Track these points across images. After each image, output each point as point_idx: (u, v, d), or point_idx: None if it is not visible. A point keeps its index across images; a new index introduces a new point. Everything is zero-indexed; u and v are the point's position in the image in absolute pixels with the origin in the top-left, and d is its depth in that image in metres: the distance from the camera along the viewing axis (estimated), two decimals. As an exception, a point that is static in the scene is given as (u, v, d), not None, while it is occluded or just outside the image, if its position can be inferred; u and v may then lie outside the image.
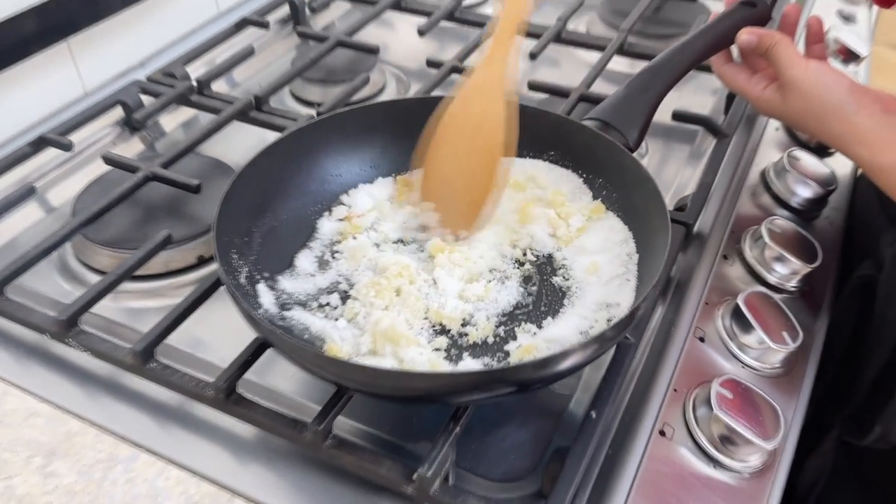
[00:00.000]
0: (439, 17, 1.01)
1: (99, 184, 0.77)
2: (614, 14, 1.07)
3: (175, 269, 0.71)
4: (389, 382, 0.48)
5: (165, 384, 0.57)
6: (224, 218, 0.57)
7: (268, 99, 0.85)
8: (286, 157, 0.64)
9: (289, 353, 0.50)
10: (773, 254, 0.69)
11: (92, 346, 0.58)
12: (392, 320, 0.54)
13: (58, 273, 0.71)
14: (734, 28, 0.71)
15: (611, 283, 0.59)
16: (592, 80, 0.87)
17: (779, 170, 0.78)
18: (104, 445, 0.55)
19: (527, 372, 0.48)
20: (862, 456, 0.81)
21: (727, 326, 0.63)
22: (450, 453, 0.50)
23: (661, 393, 0.58)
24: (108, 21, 0.94)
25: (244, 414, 0.54)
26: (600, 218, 0.65)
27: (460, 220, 0.63)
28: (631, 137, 0.66)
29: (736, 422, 0.54)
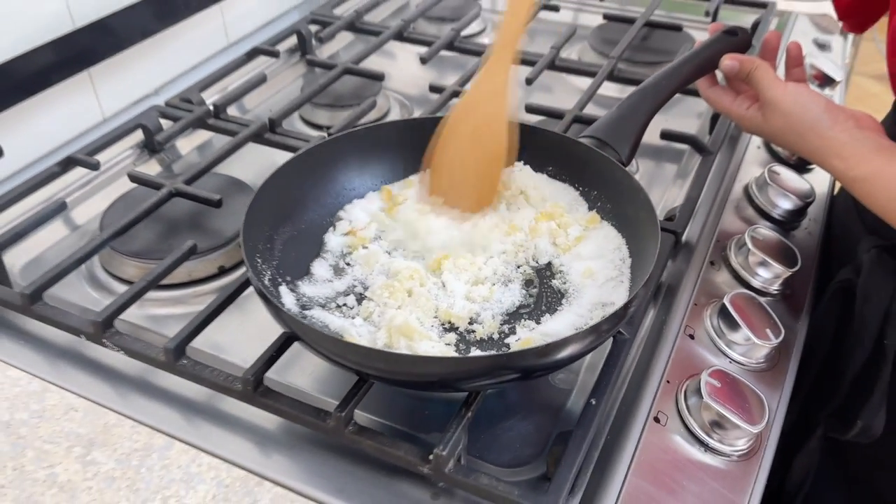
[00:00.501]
0: (440, 46, 1.07)
1: (124, 200, 0.82)
2: (604, 43, 1.13)
3: (197, 278, 0.75)
4: (408, 368, 0.52)
5: (196, 379, 0.61)
6: (250, 225, 0.62)
7: (281, 122, 0.91)
8: (305, 171, 0.69)
9: (315, 344, 0.54)
10: (757, 259, 0.74)
11: (126, 346, 0.63)
12: (406, 317, 0.59)
13: (86, 283, 0.76)
14: (717, 55, 0.77)
15: (605, 285, 0.64)
16: (585, 104, 0.93)
17: (760, 184, 0.84)
18: (140, 436, 0.59)
19: (530, 358, 0.53)
20: (847, 453, 0.85)
21: (715, 325, 0.68)
22: (462, 436, 0.54)
23: (655, 384, 0.63)
24: (126, 52, 1.00)
25: (271, 405, 0.58)
26: (596, 227, 0.70)
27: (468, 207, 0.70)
28: (623, 153, 0.72)
29: (724, 408, 0.59)
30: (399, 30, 1.12)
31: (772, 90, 0.70)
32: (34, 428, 0.60)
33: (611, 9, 1.23)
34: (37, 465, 0.57)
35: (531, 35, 1.23)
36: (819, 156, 0.68)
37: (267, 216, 0.65)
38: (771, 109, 0.70)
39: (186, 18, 1.07)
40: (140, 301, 0.70)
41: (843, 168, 0.66)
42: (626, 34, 1.08)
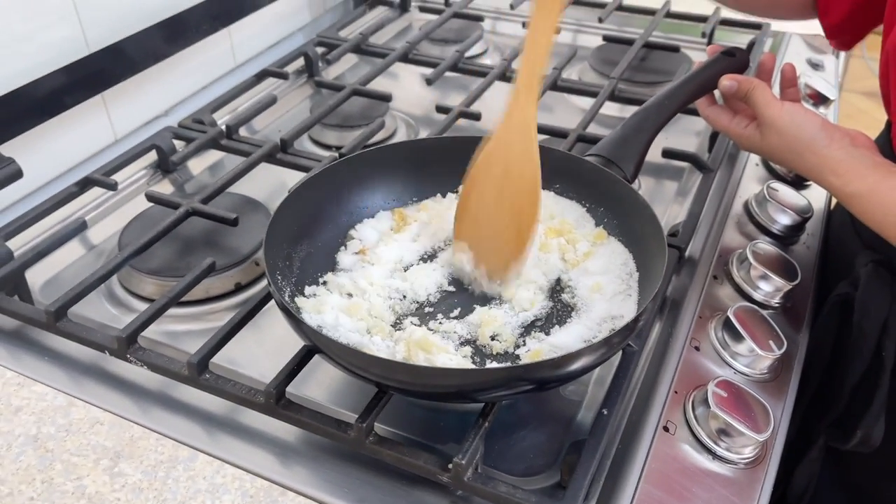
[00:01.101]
0: (445, 67, 1.10)
1: (141, 219, 0.84)
2: (604, 63, 1.16)
3: (214, 295, 0.77)
4: (428, 379, 0.54)
5: (220, 393, 0.63)
6: (270, 243, 0.64)
7: (292, 142, 0.93)
8: (320, 191, 0.72)
9: (339, 357, 0.56)
10: (758, 273, 0.76)
11: (150, 361, 0.65)
12: (424, 332, 0.61)
13: (105, 300, 0.78)
14: (716, 76, 0.80)
15: (614, 299, 0.66)
16: (588, 123, 0.96)
17: (760, 200, 0.86)
18: (165, 448, 0.61)
19: (545, 370, 0.55)
20: (847, 463, 0.87)
21: (720, 337, 0.70)
22: (480, 445, 0.56)
23: (664, 395, 0.65)
24: (138, 75, 1.02)
25: (293, 417, 0.60)
26: (603, 243, 0.72)
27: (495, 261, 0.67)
28: (628, 171, 0.74)
29: (731, 417, 0.61)
30: (404, 52, 1.14)
31: (769, 109, 0.72)
32: (61, 441, 0.61)
33: (610, 30, 1.26)
34: (65, 478, 0.58)
35: (532, 56, 1.25)
36: (815, 173, 0.71)
37: (286, 235, 0.67)
38: (768, 128, 0.73)
39: (195, 42, 1.10)
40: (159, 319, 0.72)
41: (839, 184, 0.69)
42: (626, 55, 1.11)
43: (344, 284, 0.67)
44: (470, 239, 0.69)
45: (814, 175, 0.71)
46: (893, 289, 0.75)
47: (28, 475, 0.59)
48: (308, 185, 0.70)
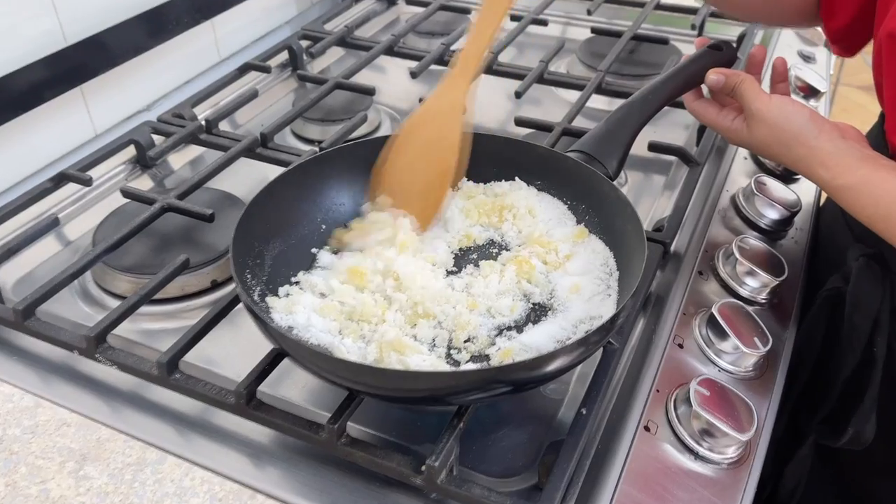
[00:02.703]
0: (430, 60, 1.08)
1: (117, 215, 0.83)
2: (592, 56, 1.15)
3: (190, 292, 0.76)
4: (397, 383, 0.53)
5: (190, 393, 0.61)
6: (239, 241, 0.62)
7: (272, 137, 0.91)
8: (295, 187, 0.70)
9: (304, 360, 0.55)
10: (744, 269, 0.75)
11: (119, 361, 0.63)
12: (397, 332, 0.59)
13: (79, 298, 0.76)
14: (703, 69, 0.78)
15: (592, 299, 0.65)
16: (574, 117, 0.94)
17: (747, 194, 0.85)
18: (133, 450, 0.59)
19: (520, 372, 0.53)
20: (838, 461, 0.86)
21: (703, 334, 0.69)
22: (454, 447, 0.55)
23: (645, 393, 0.63)
24: (118, 68, 1.00)
25: (264, 418, 0.59)
26: (584, 241, 0.70)
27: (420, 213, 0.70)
28: (611, 167, 0.73)
29: (713, 416, 0.59)
30: (389, 45, 1.13)
31: (756, 102, 0.71)
32: (27, 444, 0.60)
33: (599, 22, 1.24)
34: (29, 481, 0.57)
35: (520, 49, 1.24)
36: (804, 165, 0.69)
37: (256, 232, 0.66)
38: (756, 121, 0.71)
39: (178, 35, 1.08)
40: (132, 316, 0.70)
41: (828, 177, 0.67)
42: (614, 47, 1.10)
43: (316, 284, 0.65)
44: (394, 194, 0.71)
45: (802, 168, 0.70)
46: (885, 283, 0.74)
47: (-8, 478, 0.57)
48: (281, 182, 0.68)
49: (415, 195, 0.71)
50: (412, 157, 0.71)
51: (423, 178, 0.71)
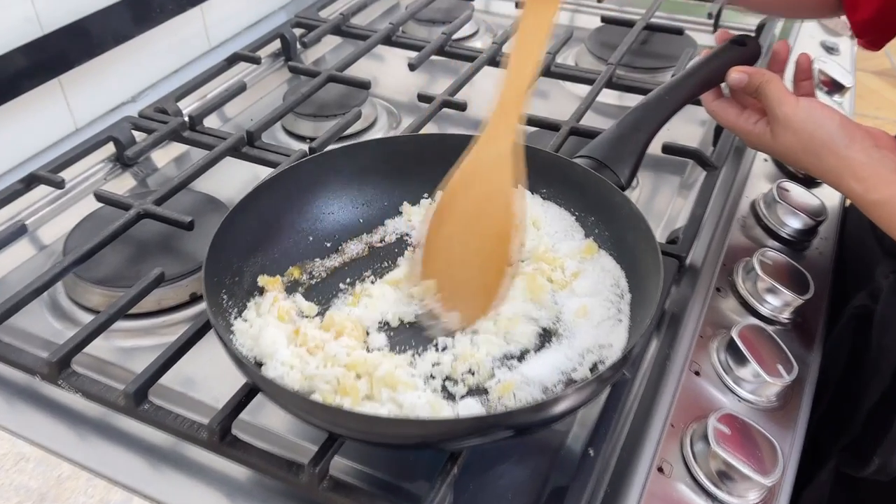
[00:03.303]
0: (430, 51, 1.02)
1: (91, 221, 0.77)
2: (602, 47, 1.08)
3: (168, 307, 0.70)
4: (384, 429, 0.47)
5: (159, 426, 0.56)
6: (213, 260, 0.57)
7: (260, 134, 0.85)
8: (277, 196, 0.64)
9: (279, 401, 0.49)
10: (766, 286, 0.69)
11: (84, 388, 0.58)
12: (389, 367, 0.54)
13: (49, 312, 0.71)
14: (724, 67, 0.72)
15: (602, 325, 0.59)
16: (582, 114, 0.88)
17: (769, 201, 0.79)
18: (96, 490, 0.54)
19: (524, 416, 0.48)
20: (860, 488, 0.80)
21: (722, 360, 0.63)
22: (448, 493, 0.50)
23: (659, 429, 0.58)
24: (100, 58, 0.94)
25: (239, 456, 0.53)
26: (592, 258, 0.65)
27: (466, 304, 0.59)
28: (623, 175, 0.67)
29: (734, 457, 0.54)
30: (387, 34, 1.06)
31: (783, 106, 0.65)
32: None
33: (609, 10, 1.18)
34: (-18, 525, 0.52)
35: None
36: (833, 176, 0.63)
37: (235, 248, 0.60)
38: (782, 126, 0.65)
39: (164, 22, 1.02)
40: (105, 332, 0.65)
41: (860, 191, 0.61)
42: (626, 38, 1.03)
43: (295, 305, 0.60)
44: (439, 279, 0.60)
45: (831, 179, 0.64)
46: None
47: (-60, 522, 0.52)
48: (261, 191, 0.62)
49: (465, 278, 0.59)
50: (456, 231, 0.59)
51: (473, 255, 0.59)
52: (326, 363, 0.54)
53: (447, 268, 0.59)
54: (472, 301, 0.59)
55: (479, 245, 0.59)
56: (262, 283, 0.61)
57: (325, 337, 0.56)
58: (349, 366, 0.54)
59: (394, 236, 0.68)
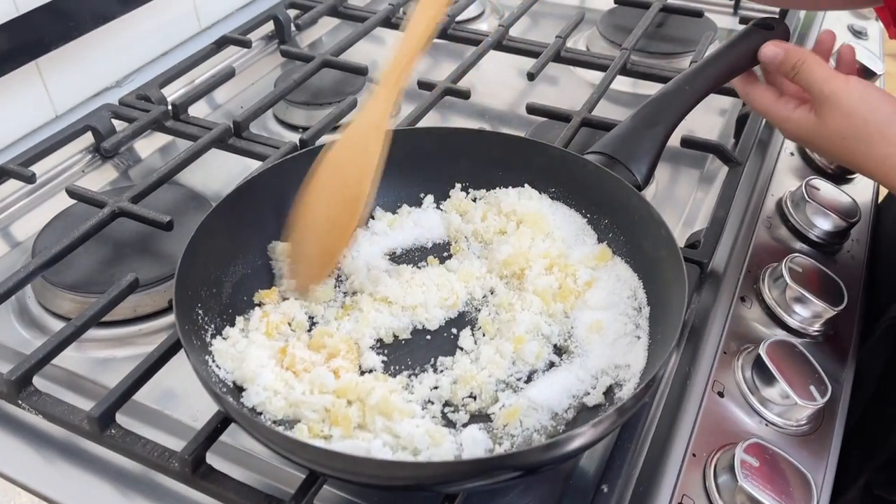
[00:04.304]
0: (432, 34, 0.95)
1: (63, 219, 0.72)
2: (615, 30, 1.02)
3: (144, 314, 0.65)
4: (375, 472, 0.42)
5: (126, 454, 0.51)
6: (187, 270, 0.51)
7: (248, 125, 0.80)
8: (259, 197, 0.59)
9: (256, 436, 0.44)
10: (795, 295, 0.63)
11: (45, 410, 0.53)
12: (383, 392, 0.48)
13: (16, 319, 0.66)
14: (750, 53, 0.66)
15: (617, 342, 0.53)
16: (595, 103, 0.82)
17: (796, 200, 0.73)
18: (57, 525, 0.49)
19: (533, 456, 0.42)
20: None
21: (748, 379, 0.58)
22: (443, 540, 0.44)
23: (679, 458, 0.52)
24: (81, 39, 0.89)
25: (213, 490, 0.48)
26: (607, 266, 0.59)
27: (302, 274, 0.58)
28: (639, 174, 0.61)
29: (763, 493, 0.48)
30: (387, 15, 1.00)
31: (830, 83, 0.58)
32: (-70, 514, 0.50)
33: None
34: (-72, 566, 0.47)
35: (535, 20, 1.11)
36: (887, 167, 0.56)
37: (213, 254, 0.54)
38: (830, 107, 0.58)
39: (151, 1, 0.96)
40: (78, 342, 0.60)
41: None
42: (641, 21, 0.97)
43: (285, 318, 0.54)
44: (292, 243, 0.58)
45: (884, 170, 0.56)
46: None
47: None
48: (240, 193, 0.57)
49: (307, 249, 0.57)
50: (314, 199, 0.57)
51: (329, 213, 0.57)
52: (314, 389, 0.48)
53: (298, 234, 0.57)
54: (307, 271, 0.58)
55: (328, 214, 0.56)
56: (259, 299, 0.56)
57: (315, 359, 0.50)
58: (339, 391, 0.48)
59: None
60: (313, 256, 0.57)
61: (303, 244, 0.57)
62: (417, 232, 0.62)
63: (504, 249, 0.59)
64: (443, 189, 0.64)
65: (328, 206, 0.56)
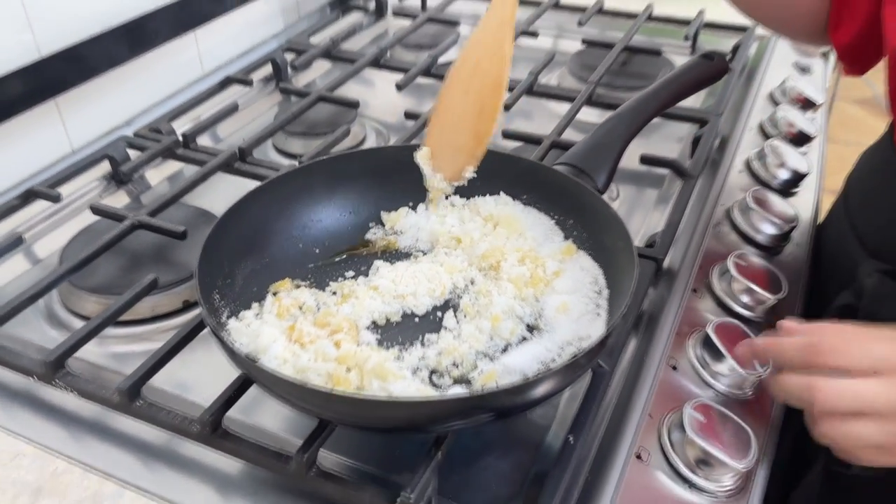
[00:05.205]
0: (416, 73, 1.05)
1: (86, 233, 0.79)
2: (583, 68, 1.12)
3: (161, 313, 0.72)
4: (374, 411, 0.49)
5: (152, 421, 0.58)
6: (206, 262, 0.59)
7: (251, 151, 0.88)
8: (267, 204, 0.67)
9: (270, 387, 0.51)
10: (741, 286, 0.71)
11: (79, 387, 0.60)
12: (379, 358, 0.56)
13: (44, 320, 0.73)
14: (694, 79, 0.75)
15: (581, 319, 0.61)
16: (563, 129, 0.91)
17: (743, 208, 0.82)
18: (90, 483, 0.56)
19: (503, 398, 0.50)
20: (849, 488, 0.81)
21: (698, 355, 0.65)
22: (432, 479, 0.51)
23: (637, 419, 0.60)
24: (96, 80, 0.97)
25: (230, 448, 0.55)
26: (572, 258, 0.67)
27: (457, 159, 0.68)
28: (600, 180, 0.70)
29: (709, 444, 0.56)
30: (375, 57, 1.10)
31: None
32: (-22, 476, 0.56)
33: (590, 34, 1.22)
34: (-22, 517, 0.53)
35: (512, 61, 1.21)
36: None
37: (226, 251, 0.62)
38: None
39: (158, 47, 1.05)
40: (100, 338, 0.67)
41: None
42: (605, 59, 1.07)
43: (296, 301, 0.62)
44: (434, 144, 0.69)
45: None
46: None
47: (-63, 515, 0.54)
48: (252, 198, 0.65)
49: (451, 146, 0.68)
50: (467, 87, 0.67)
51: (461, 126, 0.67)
52: (318, 357, 0.56)
53: (440, 135, 0.69)
54: (459, 159, 0.68)
55: (473, 105, 0.66)
56: (274, 289, 0.64)
57: (320, 333, 0.58)
58: (340, 359, 0.56)
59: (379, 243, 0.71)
60: (466, 144, 0.67)
61: (452, 138, 0.68)
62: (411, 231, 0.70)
63: (482, 245, 0.67)
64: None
65: (475, 97, 0.66)
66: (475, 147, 0.67)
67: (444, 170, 0.69)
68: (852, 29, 0.74)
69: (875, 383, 0.52)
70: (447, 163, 0.68)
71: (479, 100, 0.66)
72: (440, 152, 0.69)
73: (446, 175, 0.69)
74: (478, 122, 0.66)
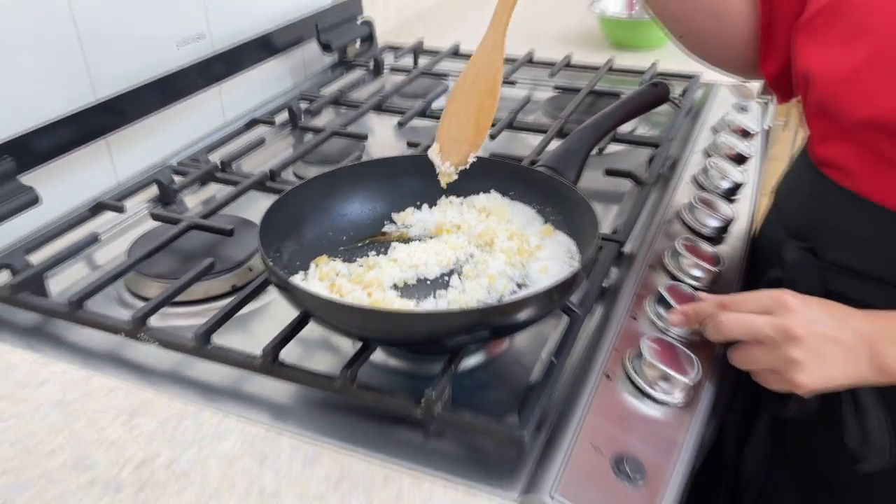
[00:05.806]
0: (414, 113, 1.24)
1: (147, 236, 0.95)
2: (555, 109, 1.31)
3: (212, 295, 0.87)
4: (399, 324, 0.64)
5: (222, 360, 0.72)
6: (263, 233, 0.74)
7: (280, 172, 1.05)
8: (305, 198, 0.83)
9: (322, 312, 0.66)
10: (689, 261, 0.88)
11: (161, 338, 0.74)
12: (402, 303, 0.72)
13: (115, 304, 0.87)
14: (643, 101, 0.94)
15: (559, 275, 0.77)
16: (539, 153, 1.09)
17: (690, 207, 0.99)
18: (175, 406, 0.70)
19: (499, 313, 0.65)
20: (793, 440, 0.95)
21: (654, 310, 0.81)
22: (447, 384, 0.66)
23: (605, 351, 0.75)
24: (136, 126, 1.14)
25: (287, 374, 0.70)
26: (551, 237, 0.84)
27: (462, 148, 0.85)
28: (570, 177, 0.87)
29: (662, 363, 0.71)
30: (378, 102, 1.29)
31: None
32: (83, 404, 0.70)
33: (560, 83, 1.42)
34: (89, 429, 0.67)
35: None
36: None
37: (275, 231, 0.77)
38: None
39: (186, 98, 1.22)
40: (161, 315, 0.82)
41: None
42: (573, 100, 1.26)
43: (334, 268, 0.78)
44: (444, 138, 0.85)
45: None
46: (817, 271, 0.85)
47: (55, 428, 0.67)
48: (294, 193, 0.81)
49: (457, 140, 0.84)
50: (469, 92, 0.84)
51: (464, 123, 0.84)
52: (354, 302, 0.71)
53: (448, 129, 0.85)
54: (464, 148, 0.85)
55: (473, 108, 0.84)
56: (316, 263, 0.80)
57: (355, 287, 0.74)
58: (371, 304, 0.71)
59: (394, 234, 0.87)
60: (469, 136, 0.84)
61: (457, 131, 0.84)
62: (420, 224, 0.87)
63: (478, 228, 0.84)
64: (433, 197, 0.89)
65: (477, 98, 0.84)
66: (476, 138, 0.85)
67: (452, 157, 0.85)
68: (778, 61, 0.90)
69: (764, 318, 0.70)
70: (455, 151, 0.85)
71: (478, 101, 0.84)
72: (449, 144, 0.85)
73: (454, 161, 0.85)
74: (478, 119, 0.84)
